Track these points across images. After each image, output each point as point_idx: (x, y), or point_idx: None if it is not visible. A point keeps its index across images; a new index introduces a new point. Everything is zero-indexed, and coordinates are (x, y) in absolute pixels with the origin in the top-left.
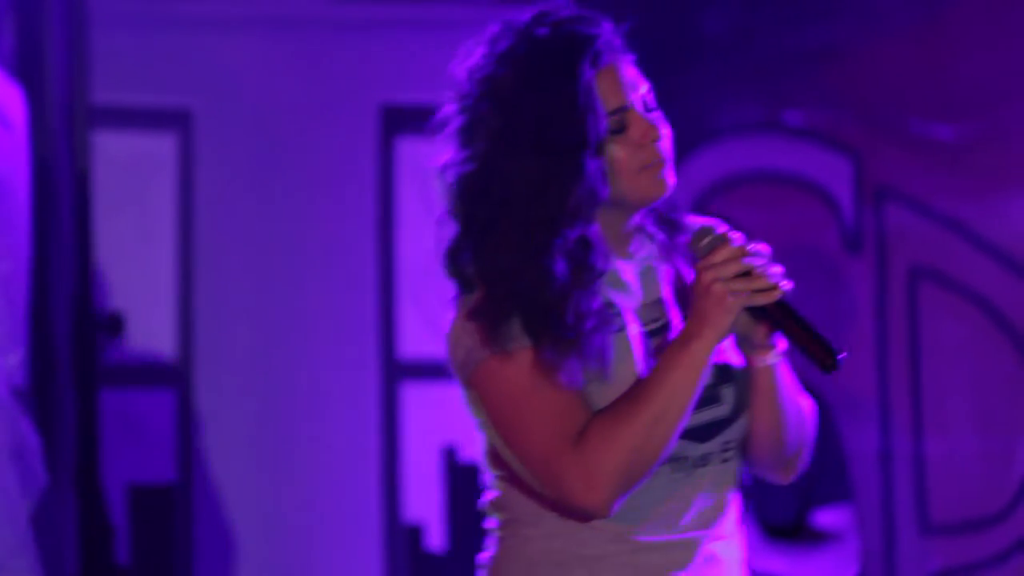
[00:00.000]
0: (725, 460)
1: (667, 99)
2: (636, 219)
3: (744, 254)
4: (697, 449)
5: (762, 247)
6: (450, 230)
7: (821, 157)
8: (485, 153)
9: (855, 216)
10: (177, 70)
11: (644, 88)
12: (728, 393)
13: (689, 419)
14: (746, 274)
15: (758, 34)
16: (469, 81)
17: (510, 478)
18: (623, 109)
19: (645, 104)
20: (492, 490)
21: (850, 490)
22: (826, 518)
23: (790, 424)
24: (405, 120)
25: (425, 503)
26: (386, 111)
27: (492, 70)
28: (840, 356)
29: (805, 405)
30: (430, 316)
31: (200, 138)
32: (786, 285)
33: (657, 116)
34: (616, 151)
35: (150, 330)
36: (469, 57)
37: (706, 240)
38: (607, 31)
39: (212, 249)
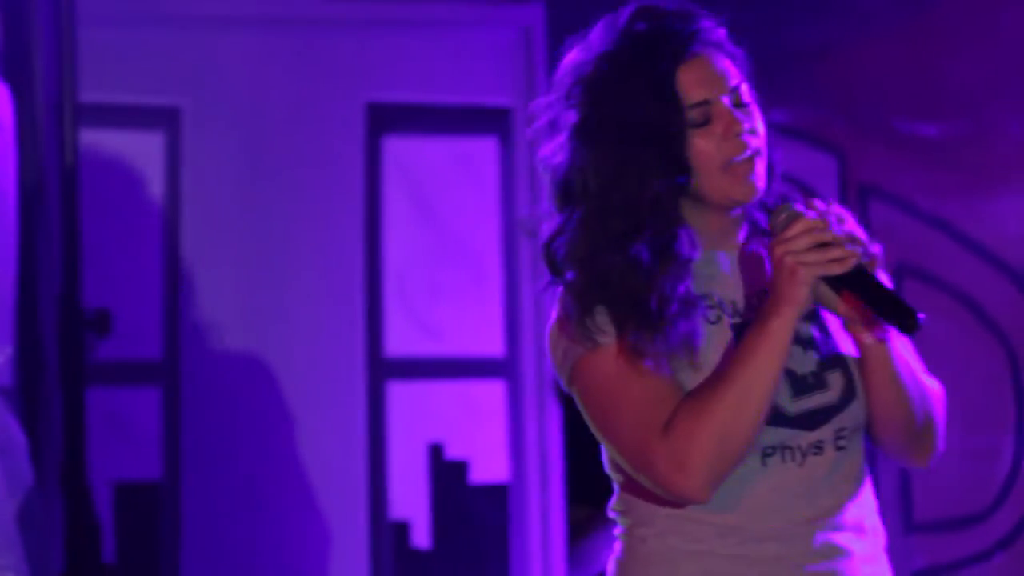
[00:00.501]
0: (841, 448)
1: None
2: (737, 211)
3: (817, 226)
4: (807, 437)
5: (843, 213)
6: (551, 222)
7: (807, 155)
8: (573, 144)
9: None
10: (165, 68)
11: (736, 82)
12: (836, 379)
13: (794, 406)
14: (821, 246)
15: (744, 33)
16: (562, 77)
17: (627, 482)
18: (706, 102)
19: (735, 98)
20: (616, 495)
21: None
22: None
23: (911, 404)
24: (392, 118)
25: (411, 501)
26: (373, 109)
27: (582, 65)
28: (920, 316)
29: (929, 385)
30: (416, 314)
31: (188, 136)
32: (868, 251)
33: (750, 112)
34: (699, 144)
35: (137, 328)
36: (569, 54)
37: (781, 217)
38: (698, 25)
39: (199, 247)
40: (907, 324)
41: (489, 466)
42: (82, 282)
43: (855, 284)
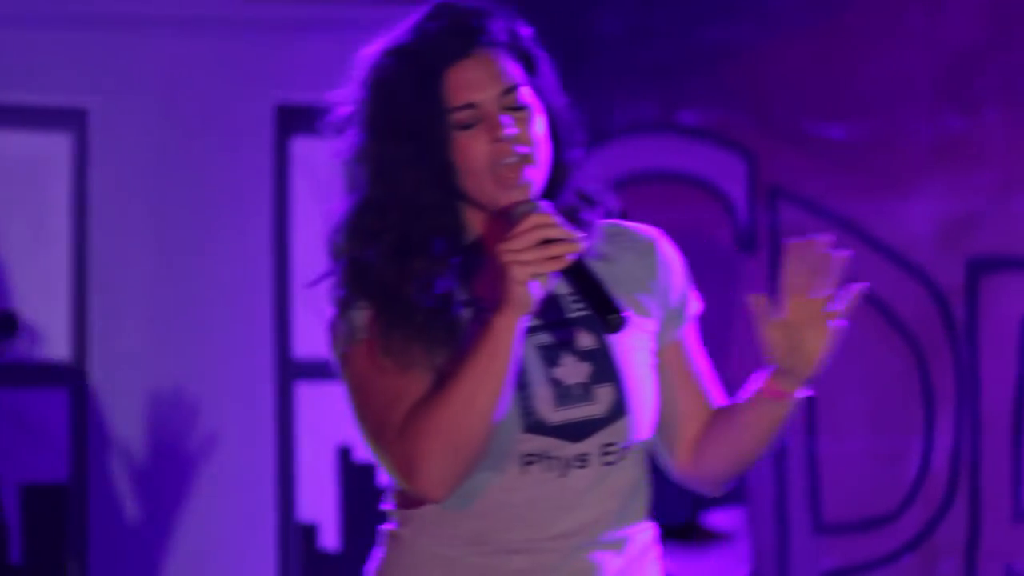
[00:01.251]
0: (609, 463)
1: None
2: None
3: (543, 223)
4: (569, 449)
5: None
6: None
7: (715, 156)
8: (354, 137)
9: (749, 215)
10: (72, 69)
11: (510, 85)
12: (605, 393)
13: (556, 415)
14: (545, 243)
15: (653, 33)
16: (357, 67)
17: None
18: (471, 105)
19: (509, 102)
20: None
21: (743, 492)
22: (718, 519)
23: (754, 458)
24: (300, 119)
25: (320, 502)
26: (281, 111)
27: (372, 57)
28: (624, 315)
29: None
30: (325, 315)
31: (95, 137)
32: (577, 250)
33: (525, 116)
34: (464, 147)
35: (44, 329)
36: (371, 44)
37: (515, 215)
38: (482, 24)
39: (107, 248)
40: (610, 320)
41: None
42: None
43: (571, 278)
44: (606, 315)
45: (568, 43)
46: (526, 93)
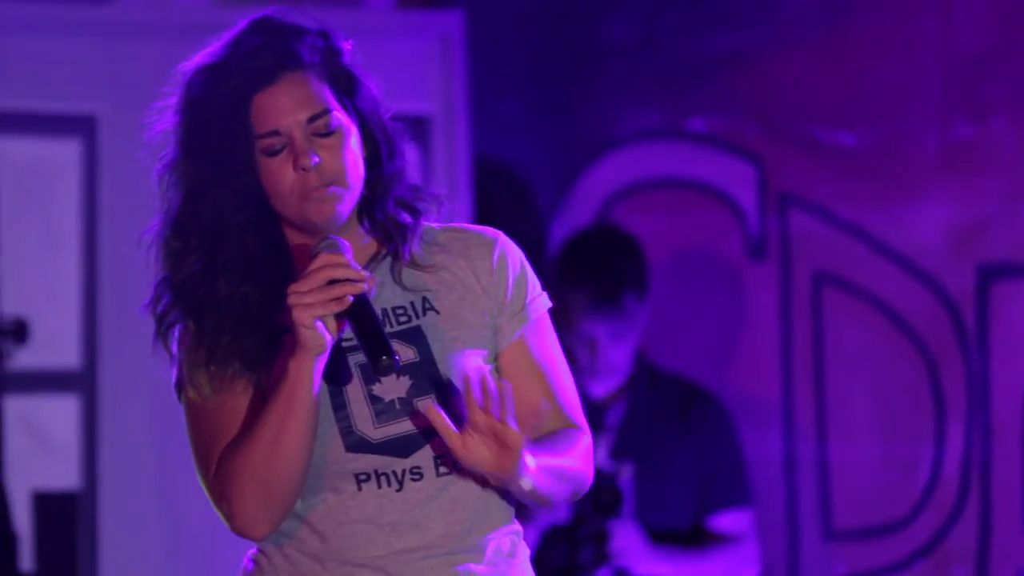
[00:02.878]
0: (444, 474)
1: (570, 106)
2: (363, 237)
3: (329, 263)
4: (400, 463)
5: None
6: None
7: (725, 163)
8: (170, 150)
9: (759, 222)
10: (81, 76)
11: (316, 111)
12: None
13: (377, 432)
14: (331, 283)
15: (662, 41)
16: (177, 79)
17: None
18: (275, 132)
19: (316, 128)
20: None
21: (748, 494)
22: (723, 522)
23: (550, 500)
24: None
25: None
26: None
27: (191, 70)
28: (395, 359)
29: (571, 477)
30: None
31: (104, 144)
32: (359, 291)
33: (332, 142)
34: (270, 172)
35: (54, 336)
36: (195, 56)
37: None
38: (293, 46)
39: (116, 255)
40: (379, 363)
41: None
42: None
43: (350, 318)
44: (376, 357)
45: (577, 51)
46: (336, 117)
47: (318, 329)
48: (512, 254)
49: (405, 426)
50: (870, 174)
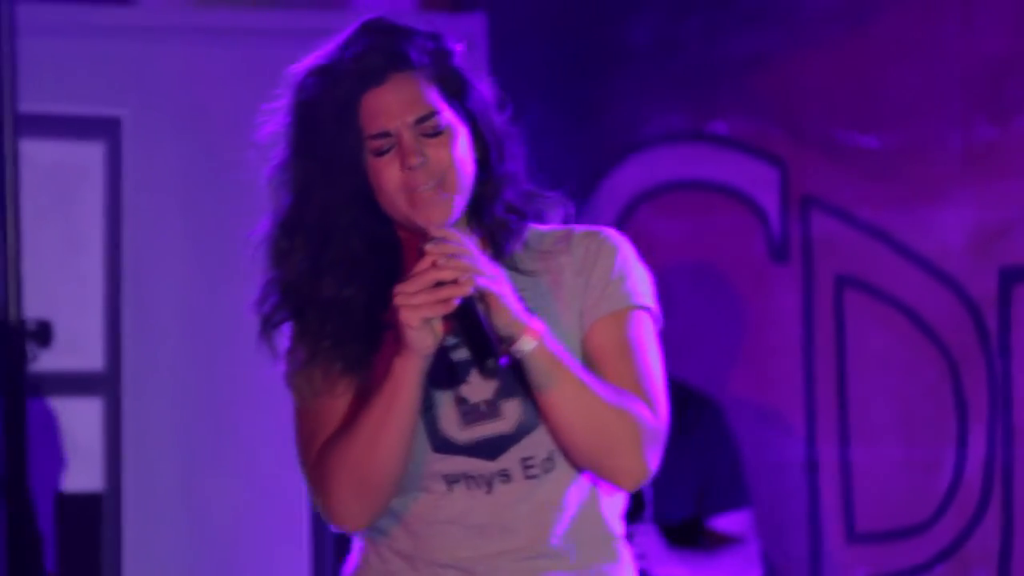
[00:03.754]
0: (532, 477)
1: (593, 108)
2: (469, 233)
3: (433, 265)
4: (488, 466)
5: (463, 255)
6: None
7: (747, 166)
8: (277, 158)
9: (781, 225)
10: (105, 78)
11: (424, 111)
12: (512, 408)
13: (463, 434)
14: (437, 285)
15: (684, 44)
16: (287, 82)
17: None
18: (386, 133)
19: (424, 128)
20: None
21: (747, 495)
22: (723, 524)
23: (568, 422)
24: None
25: None
26: None
27: (301, 74)
28: (501, 361)
29: (599, 404)
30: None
31: (128, 146)
32: (465, 292)
33: (441, 140)
34: (380, 173)
35: (78, 339)
36: (303, 60)
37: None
38: (402, 48)
39: (140, 257)
40: (485, 365)
41: None
42: (23, 293)
43: (457, 320)
44: (483, 359)
45: (599, 54)
46: (444, 117)
47: (425, 330)
48: (611, 248)
49: (489, 428)
50: (892, 176)
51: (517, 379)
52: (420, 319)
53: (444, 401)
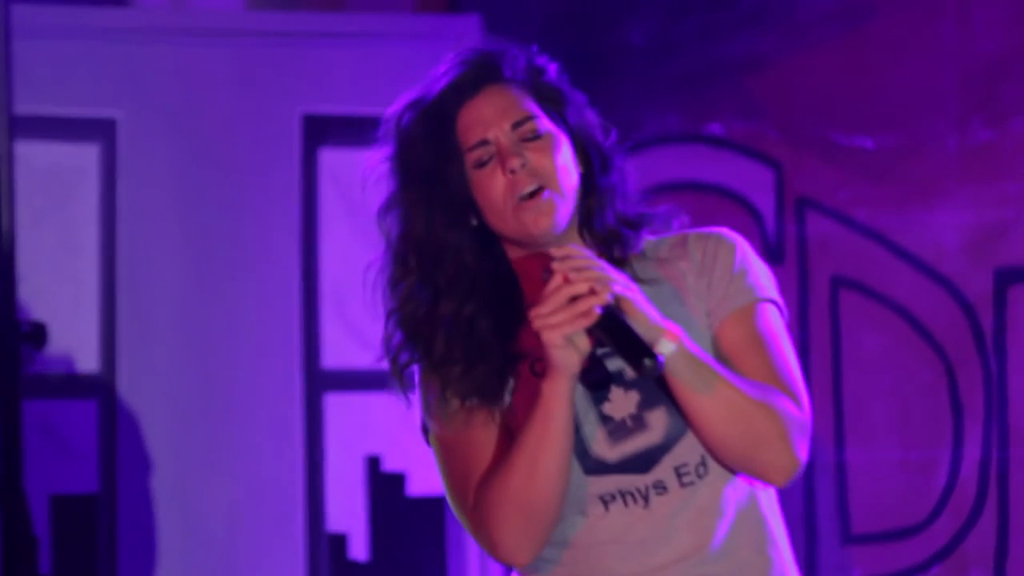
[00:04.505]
0: (688, 484)
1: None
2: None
3: (565, 282)
4: (643, 479)
5: (591, 266)
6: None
7: (743, 167)
8: (389, 189)
9: (777, 226)
10: (100, 80)
11: (520, 117)
12: (658, 418)
13: (614, 452)
14: (572, 300)
15: (680, 45)
16: (388, 118)
17: None
18: (485, 142)
19: (522, 134)
20: None
21: None
22: None
23: (720, 431)
24: (328, 130)
25: (348, 513)
26: (309, 121)
27: (399, 109)
28: (659, 359)
29: (761, 406)
30: (353, 326)
31: (123, 148)
32: (603, 301)
33: (540, 145)
34: (482, 184)
35: (73, 340)
36: (404, 94)
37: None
38: (487, 61)
39: (135, 259)
40: (643, 367)
41: (426, 478)
42: (17, 295)
43: (602, 330)
44: (639, 361)
45: (596, 56)
46: (542, 122)
47: (569, 349)
48: (729, 245)
49: (639, 442)
50: (888, 178)
51: (659, 387)
52: (562, 337)
53: (588, 420)
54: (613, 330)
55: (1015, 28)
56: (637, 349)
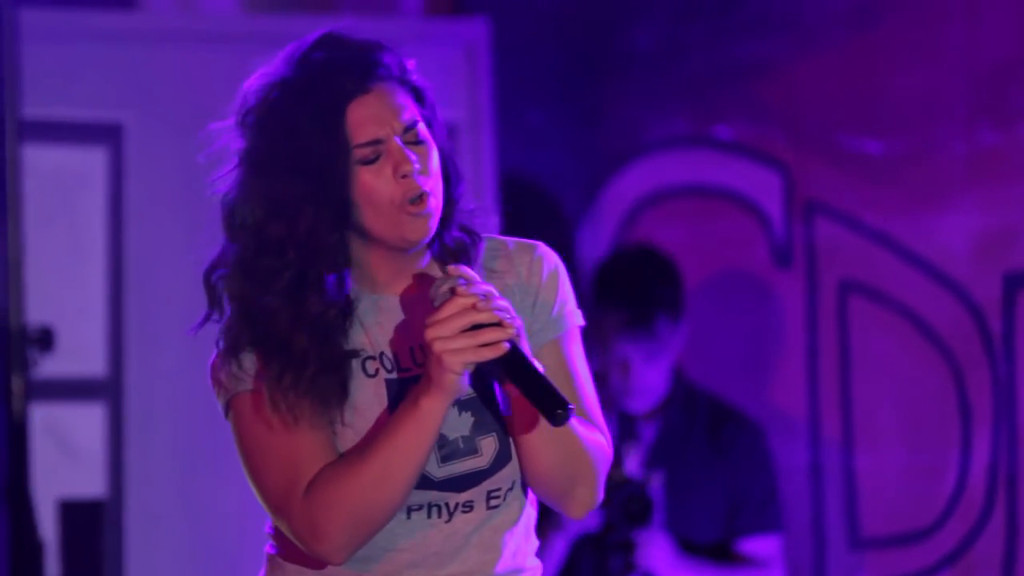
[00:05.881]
0: (494, 507)
1: (596, 113)
2: (413, 252)
3: (473, 305)
4: (455, 497)
5: (494, 296)
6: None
7: (751, 171)
8: (239, 173)
9: (785, 230)
10: (107, 84)
11: (411, 119)
12: (488, 444)
13: (441, 471)
14: (473, 328)
15: (687, 49)
16: (239, 100)
17: (278, 540)
18: (377, 140)
19: (410, 136)
20: (270, 544)
21: (778, 520)
22: (751, 547)
23: (553, 475)
24: None
25: None
26: None
27: (258, 91)
28: (570, 408)
29: (586, 448)
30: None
31: (130, 152)
32: (511, 336)
33: (424, 150)
34: (368, 182)
35: (80, 344)
36: (252, 77)
37: (442, 290)
38: (376, 58)
39: (142, 263)
40: (555, 415)
41: None
42: (25, 299)
43: (508, 368)
44: (551, 411)
45: (603, 59)
46: (423, 128)
47: (461, 375)
48: (549, 262)
49: (467, 465)
50: (896, 182)
51: (490, 412)
52: (463, 364)
53: None
54: (520, 371)
55: (1023, 32)
56: (549, 397)
